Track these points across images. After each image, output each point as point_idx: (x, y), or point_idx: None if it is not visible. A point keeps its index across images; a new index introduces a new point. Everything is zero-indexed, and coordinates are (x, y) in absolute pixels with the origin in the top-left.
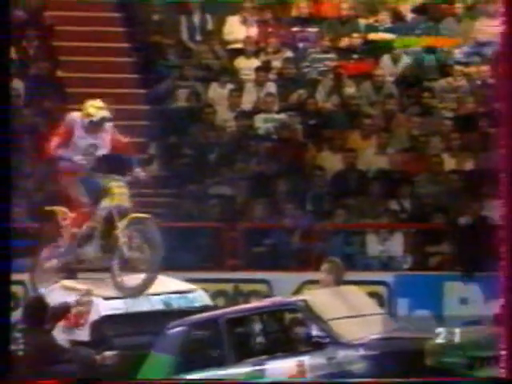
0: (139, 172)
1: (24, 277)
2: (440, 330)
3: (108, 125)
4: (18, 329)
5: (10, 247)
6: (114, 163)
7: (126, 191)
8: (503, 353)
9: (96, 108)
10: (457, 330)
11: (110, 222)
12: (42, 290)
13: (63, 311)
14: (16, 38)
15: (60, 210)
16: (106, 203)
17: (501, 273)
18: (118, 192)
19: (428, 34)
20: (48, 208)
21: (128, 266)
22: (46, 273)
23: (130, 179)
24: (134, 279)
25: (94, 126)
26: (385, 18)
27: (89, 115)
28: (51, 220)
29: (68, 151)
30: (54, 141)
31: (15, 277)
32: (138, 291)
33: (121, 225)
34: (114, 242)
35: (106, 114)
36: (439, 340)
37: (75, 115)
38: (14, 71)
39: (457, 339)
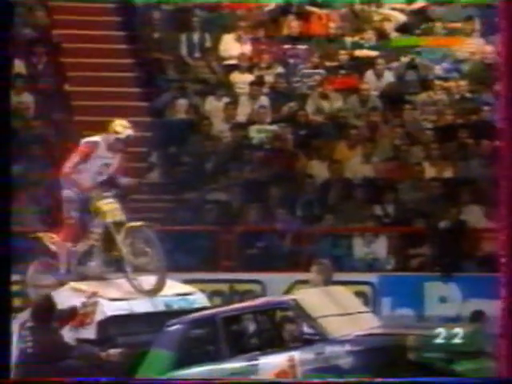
0: (122, 180)
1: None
2: (438, 329)
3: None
4: (26, 327)
5: (11, 249)
6: (106, 181)
7: (116, 206)
8: (503, 353)
9: (123, 126)
10: (437, 327)
11: (108, 237)
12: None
13: (71, 313)
14: (26, 55)
15: (44, 235)
16: (99, 220)
17: (501, 274)
18: (108, 209)
19: (410, 50)
20: (33, 235)
21: (139, 271)
22: (42, 287)
23: (118, 191)
24: (149, 281)
25: (119, 144)
26: (370, 36)
27: (116, 132)
28: (38, 243)
29: (82, 169)
30: (73, 161)
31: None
32: (155, 292)
33: (120, 237)
34: (118, 254)
35: (131, 132)
36: (421, 336)
37: (97, 139)
38: (24, 86)
39: (437, 335)
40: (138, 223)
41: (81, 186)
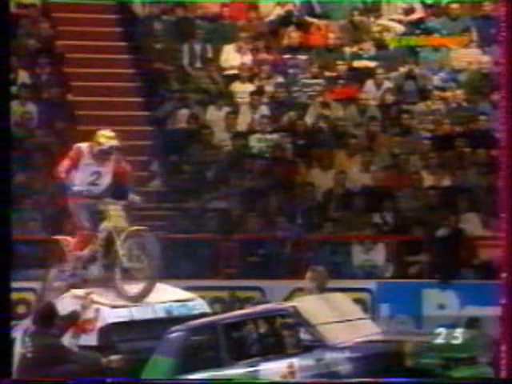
0: (134, 197)
1: (35, 284)
2: (441, 330)
3: (115, 154)
4: (28, 333)
5: (11, 255)
6: (114, 190)
7: (123, 213)
8: (503, 353)
9: (106, 137)
10: (435, 333)
11: (109, 242)
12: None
13: (72, 319)
14: (30, 65)
15: (63, 238)
16: (104, 225)
17: (501, 279)
18: (115, 214)
19: (407, 61)
20: (53, 237)
21: (128, 276)
22: (55, 291)
23: (127, 203)
24: (134, 287)
25: (102, 154)
26: (368, 46)
27: (99, 144)
28: (56, 247)
29: (75, 176)
30: (63, 165)
31: (28, 284)
32: (139, 298)
33: (119, 240)
34: (115, 257)
35: (114, 143)
36: (419, 342)
37: (82, 145)
38: (28, 95)
39: (434, 341)
40: (138, 228)
41: (78, 190)
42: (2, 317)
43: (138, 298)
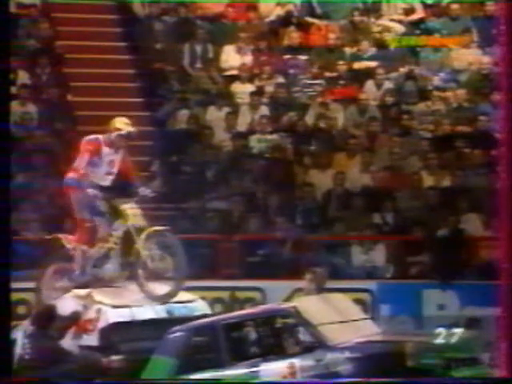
0: (144, 190)
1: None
2: (440, 330)
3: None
4: (27, 334)
5: (11, 255)
6: (123, 187)
7: (139, 211)
8: (503, 353)
9: (124, 123)
10: (435, 333)
11: (128, 240)
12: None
13: (73, 320)
14: (30, 66)
15: (61, 236)
16: (120, 224)
17: (501, 280)
18: (132, 213)
19: (408, 61)
20: (49, 236)
21: (153, 276)
22: (57, 290)
23: (138, 199)
24: (162, 287)
25: (120, 140)
26: (368, 46)
27: (117, 129)
28: (56, 245)
29: (94, 169)
30: (82, 160)
31: (28, 284)
32: (168, 297)
33: (140, 240)
34: (136, 257)
35: (132, 129)
36: (419, 343)
37: (99, 136)
38: (28, 96)
39: (435, 342)
40: (161, 228)
41: (96, 186)
42: (2, 317)
43: (166, 298)
